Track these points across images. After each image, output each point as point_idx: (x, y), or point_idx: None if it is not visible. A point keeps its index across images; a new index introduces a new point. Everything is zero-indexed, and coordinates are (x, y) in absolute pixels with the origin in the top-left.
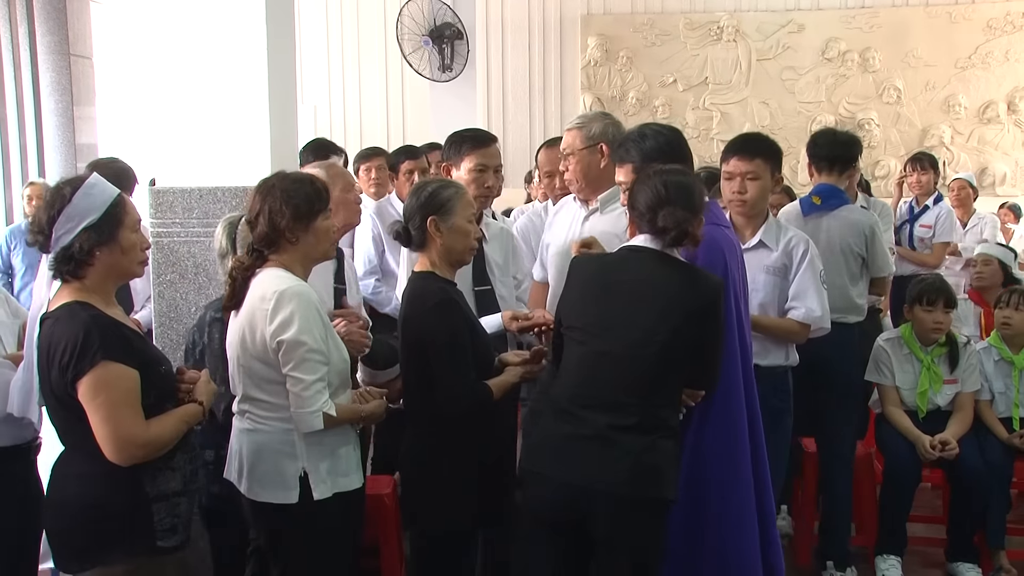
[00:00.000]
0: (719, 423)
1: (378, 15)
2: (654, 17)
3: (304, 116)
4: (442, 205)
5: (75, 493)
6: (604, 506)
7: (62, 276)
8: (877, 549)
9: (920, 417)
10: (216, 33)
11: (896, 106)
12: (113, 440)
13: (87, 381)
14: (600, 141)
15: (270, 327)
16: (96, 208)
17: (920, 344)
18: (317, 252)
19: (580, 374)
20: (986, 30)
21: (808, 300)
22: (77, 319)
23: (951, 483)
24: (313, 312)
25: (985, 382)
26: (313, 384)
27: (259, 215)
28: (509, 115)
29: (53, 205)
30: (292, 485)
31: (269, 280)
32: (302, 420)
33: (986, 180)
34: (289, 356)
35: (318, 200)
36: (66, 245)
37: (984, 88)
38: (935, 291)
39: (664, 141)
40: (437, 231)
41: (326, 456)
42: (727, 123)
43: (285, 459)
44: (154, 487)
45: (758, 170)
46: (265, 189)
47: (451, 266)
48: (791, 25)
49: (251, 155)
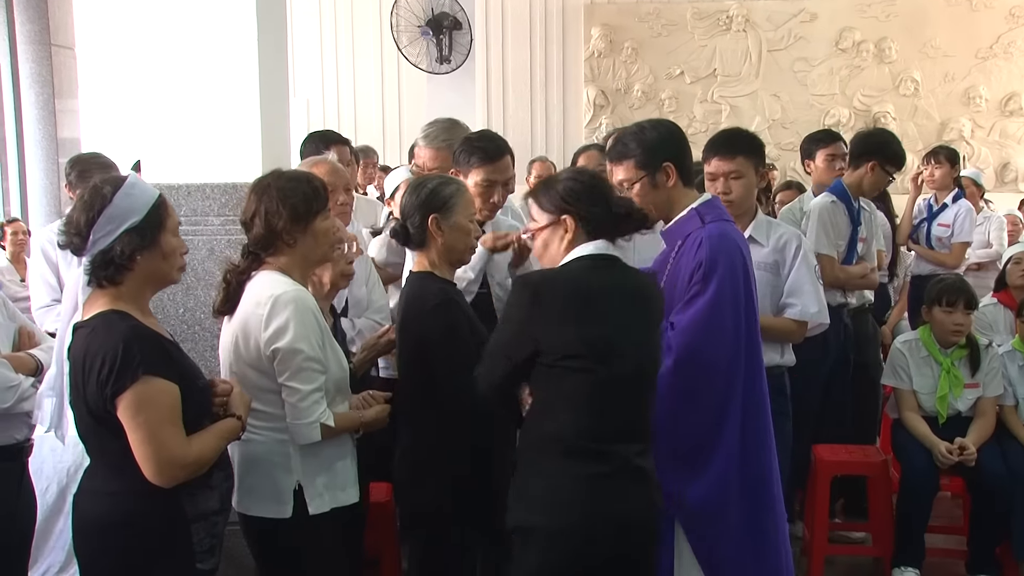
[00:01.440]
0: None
1: (373, 4)
2: (660, 6)
3: (296, 110)
4: (444, 203)
5: (108, 512)
6: (641, 541)
7: (99, 282)
8: (894, 561)
9: (940, 423)
10: (205, 23)
11: (913, 98)
12: (155, 461)
13: (128, 398)
14: None
15: (265, 333)
16: (138, 210)
17: (939, 347)
18: (316, 255)
19: (592, 405)
20: (1008, 19)
21: (804, 297)
22: (116, 330)
23: (972, 492)
24: (310, 318)
25: (1009, 387)
26: (310, 394)
27: (255, 216)
28: (509, 109)
29: (92, 206)
30: (286, 499)
31: (264, 284)
32: (298, 432)
33: (1008, 175)
34: (285, 365)
35: (316, 199)
36: (105, 248)
37: (1006, 79)
38: (955, 291)
39: (666, 131)
40: (438, 230)
41: (323, 469)
42: (736, 117)
43: (279, 471)
44: (194, 507)
45: (741, 168)
46: (260, 188)
47: (451, 265)
48: (803, 14)
49: (241, 150)
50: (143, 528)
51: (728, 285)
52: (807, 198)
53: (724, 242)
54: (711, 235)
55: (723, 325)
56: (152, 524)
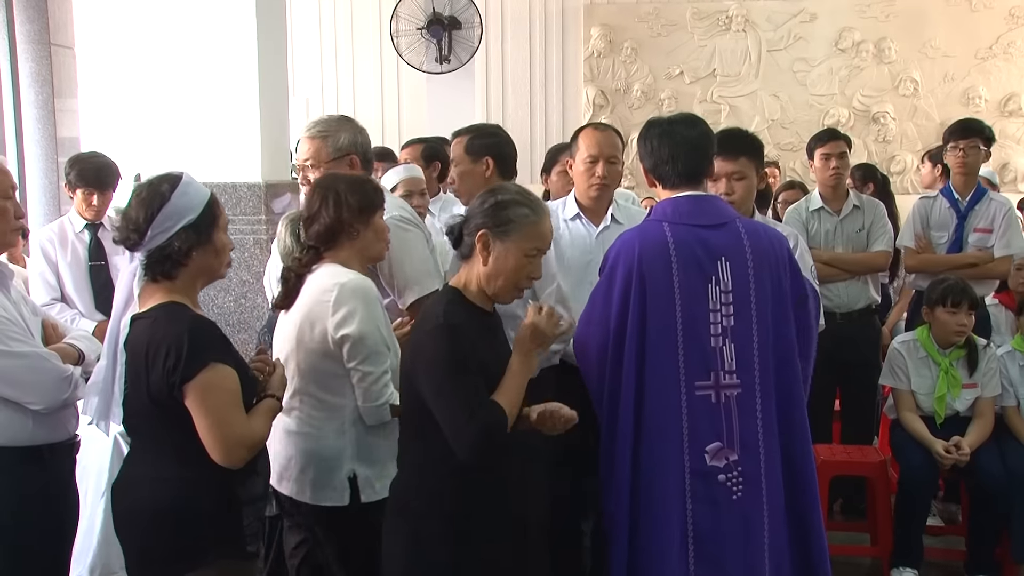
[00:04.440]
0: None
1: (373, 3)
2: (660, 6)
3: (296, 109)
4: (506, 221)
5: (162, 498)
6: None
7: (154, 276)
8: (892, 561)
9: (938, 423)
10: (204, 22)
11: (913, 99)
12: (224, 443)
13: (197, 384)
14: (351, 152)
15: (332, 321)
16: (194, 207)
17: (938, 347)
18: (374, 250)
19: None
20: (1008, 19)
21: None
22: (180, 320)
23: (970, 492)
24: (375, 304)
25: (1010, 387)
26: (381, 376)
27: (321, 209)
28: (509, 109)
29: (151, 203)
30: (343, 487)
31: (327, 275)
32: (371, 413)
33: (1007, 176)
34: (355, 350)
35: (377, 196)
36: (162, 244)
37: (1005, 80)
38: (959, 292)
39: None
40: (485, 249)
41: (375, 459)
42: (736, 116)
43: (336, 461)
44: (244, 491)
45: (744, 169)
46: (325, 185)
47: (486, 296)
48: (803, 14)
49: (240, 150)
50: (197, 513)
51: (605, 282)
52: (813, 197)
53: (626, 245)
54: (624, 234)
55: (590, 317)
56: (207, 508)
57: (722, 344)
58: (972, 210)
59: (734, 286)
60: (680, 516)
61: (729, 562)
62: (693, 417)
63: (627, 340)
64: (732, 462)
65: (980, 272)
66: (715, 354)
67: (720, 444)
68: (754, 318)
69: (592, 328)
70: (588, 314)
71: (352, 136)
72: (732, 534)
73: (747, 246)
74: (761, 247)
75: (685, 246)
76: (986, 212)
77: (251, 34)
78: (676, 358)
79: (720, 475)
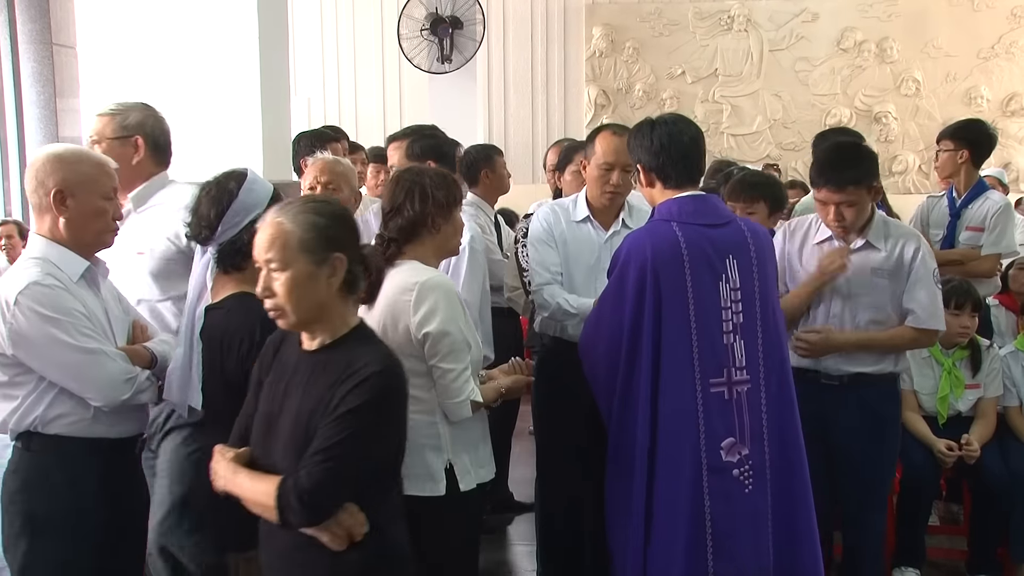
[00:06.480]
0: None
1: (374, 3)
2: (662, 6)
3: (297, 109)
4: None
5: None
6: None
7: (226, 268)
8: (894, 561)
9: (940, 424)
10: (206, 22)
11: (915, 99)
12: None
13: None
14: (136, 134)
15: (414, 318)
16: (260, 203)
17: (940, 347)
18: (451, 245)
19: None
20: (1010, 19)
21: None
22: (252, 310)
23: (972, 492)
24: (455, 301)
25: (1013, 387)
26: (461, 373)
27: (406, 201)
28: (511, 108)
29: (221, 200)
30: (439, 477)
31: (407, 272)
32: (452, 409)
33: (1008, 175)
34: (436, 347)
35: (457, 191)
36: (233, 238)
37: (1007, 80)
38: (963, 294)
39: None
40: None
41: (469, 448)
42: (737, 116)
43: (431, 452)
44: None
45: (853, 197)
46: (407, 178)
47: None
48: (805, 14)
49: (242, 149)
50: None
51: (615, 283)
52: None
53: (636, 245)
54: (633, 234)
55: (600, 318)
56: None
57: (733, 341)
58: (966, 208)
59: (741, 283)
60: (699, 513)
61: (741, 554)
62: (709, 414)
63: (643, 340)
64: (744, 456)
65: (965, 270)
66: (727, 351)
67: (733, 439)
68: (758, 314)
69: (602, 329)
70: (597, 315)
71: (141, 118)
72: (744, 527)
73: (751, 243)
74: (761, 244)
75: (695, 245)
76: (979, 211)
77: (253, 34)
78: (691, 356)
79: (734, 470)
